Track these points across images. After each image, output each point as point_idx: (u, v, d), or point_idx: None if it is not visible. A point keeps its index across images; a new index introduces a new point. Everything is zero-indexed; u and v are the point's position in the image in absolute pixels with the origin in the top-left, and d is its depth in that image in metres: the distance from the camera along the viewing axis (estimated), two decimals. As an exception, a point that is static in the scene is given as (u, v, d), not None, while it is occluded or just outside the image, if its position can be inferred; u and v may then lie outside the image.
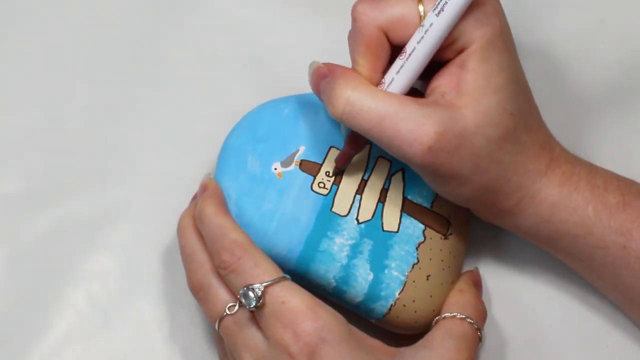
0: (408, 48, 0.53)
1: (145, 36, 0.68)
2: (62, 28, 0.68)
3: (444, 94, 0.54)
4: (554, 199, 0.56)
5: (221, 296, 0.54)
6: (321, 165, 0.58)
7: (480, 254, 0.63)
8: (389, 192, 0.58)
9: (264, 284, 0.52)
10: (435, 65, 0.54)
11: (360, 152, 0.58)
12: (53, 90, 0.67)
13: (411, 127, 0.52)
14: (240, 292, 0.53)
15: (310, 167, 0.58)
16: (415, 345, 0.55)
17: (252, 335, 0.53)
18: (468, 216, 0.61)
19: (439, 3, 0.52)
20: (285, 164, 0.58)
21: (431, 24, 0.52)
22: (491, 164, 0.54)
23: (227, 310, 0.54)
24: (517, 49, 0.56)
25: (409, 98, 0.53)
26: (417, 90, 0.57)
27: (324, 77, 0.55)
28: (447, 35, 0.53)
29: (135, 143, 0.66)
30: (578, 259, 0.58)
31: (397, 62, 0.54)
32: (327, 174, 0.58)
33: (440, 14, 0.52)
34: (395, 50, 0.55)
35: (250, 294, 0.52)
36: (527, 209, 0.56)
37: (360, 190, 0.58)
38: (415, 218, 0.58)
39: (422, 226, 0.58)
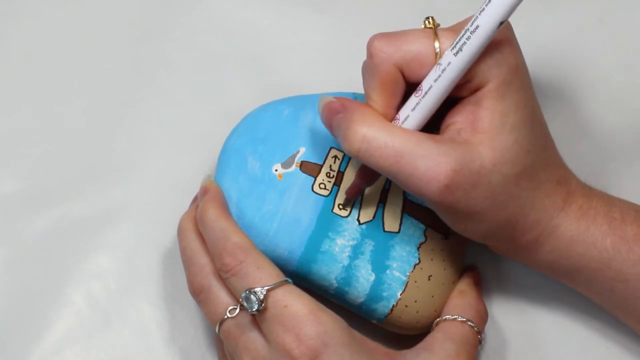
0: (424, 86, 0.53)
1: (145, 36, 0.68)
2: (61, 28, 0.68)
3: (460, 131, 0.53)
4: (571, 233, 0.56)
5: (222, 299, 0.54)
6: (322, 166, 0.58)
7: (480, 254, 0.63)
8: (389, 193, 0.58)
9: (266, 288, 0.52)
10: (448, 101, 0.54)
11: (372, 184, 0.57)
12: (53, 90, 0.67)
13: (429, 164, 0.52)
14: (242, 295, 0.53)
15: (310, 168, 0.58)
16: (416, 347, 0.55)
17: (253, 339, 0.53)
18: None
19: (457, 43, 0.51)
20: (286, 165, 0.58)
21: (449, 63, 0.52)
22: (508, 200, 0.54)
23: (228, 313, 0.54)
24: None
25: (425, 135, 0.53)
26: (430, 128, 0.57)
27: (337, 112, 0.54)
28: (462, 76, 0.52)
29: (135, 143, 0.66)
30: (598, 292, 0.57)
31: (413, 99, 0.53)
32: (328, 175, 0.58)
33: (458, 54, 0.51)
34: (409, 87, 0.54)
35: (252, 297, 0.52)
36: (545, 244, 0.56)
37: (361, 191, 0.58)
38: (416, 218, 0.58)
39: (422, 226, 0.58)
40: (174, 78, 0.67)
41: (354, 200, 0.58)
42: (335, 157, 0.59)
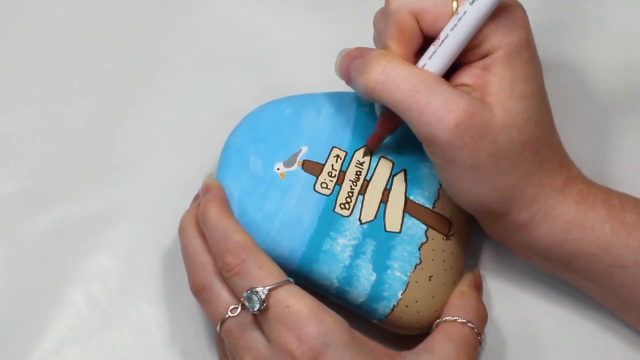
0: (441, 35, 0.54)
1: (146, 36, 0.68)
2: (61, 28, 0.68)
3: (470, 91, 0.54)
4: (569, 216, 0.56)
5: (223, 298, 0.54)
6: (324, 165, 0.58)
7: (481, 254, 0.63)
8: (391, 193, 0.58)
9: (268, 288, 0.52)
10: (455, 67, 0.55)
11: (392, 134, 0.58)
12: (53, 90, 0.67)
13: (442, 101, 0.52)
14: (244, 295, 0.53)
15: (312, 167, 0.58)
16: (416, 349, 0.55)
17: (255, 338, 0.53)
18: (469, 217, 0.61)
19: None
20: (288, 164, 0.58)
21: (465, 12, 0.52)
22: (510, 167, 0.54)
23: (229, 313, 0.54)
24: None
25: (442, 79, 0.54)
26: None
27: (355, 57, 0.56)
28: (478, 28, 0.53)
29: (135, 143, 0.66)
30: (595, 280, 0.57)
31: (430, 49, 0.54)
32: (330, 174, 0.58)
33: (474, 3, 0.52)
34: (425, 42, 0.55)
35: (254, 297, 0.52)
36: (541, 225, 0.56)
37: (362, 191, 0.58)
38: (418, 218, 0.58)
39: (424, 227, 0.58)
40: (174, 78, 0.67)
41: (374, 150, 0.58)
42: (337, 156, 0.59)
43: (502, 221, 0.57)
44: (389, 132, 0.58)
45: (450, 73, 0.55)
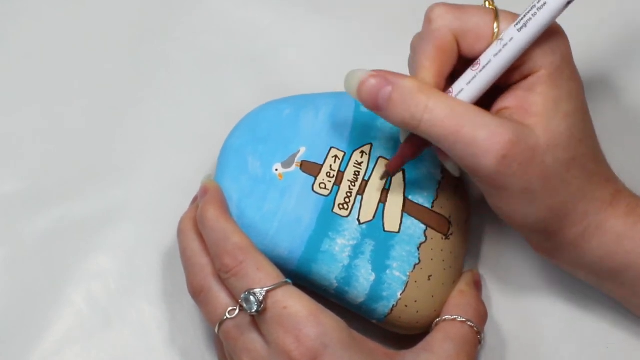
0: (483, 60, 0.53)
1: (145, 36, 0.68)
2: (61, 28, 0.68)
3: (512, 114, 0.53)
4: (619, 229, 0.55)
5: (222, 300, 0.54)
6: (322, 166, 0.58)
7: (480, 254, 0.63)
8: (389, 193, 0.58)
9: (266, 289, 0.52)
10: (495, 89, 0.54)
11: (415, 158, 0.57)
12: (53, 90, 0.67)
13: (488, 134, 0.51)
14: (242, 296, 0.53)
15: (311, 168, 0.58)
16: (416, 348, 0.55)
17: (253, 340, 0.53)
18: (468, 216, 0.61)
19: (522, 19, 0.52)
20: (286, 164, 0.58)
21: (511, 39, 0.52)
22: (560, 186, 0.53)
23: (227, 314, 0.54)
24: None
25: (481, 109, 0.53)
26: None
27: (382, 87, 0.53)
28: (522, 54, 0.52)
29: (135, 143, 0.66)
30: None
31: (469, 73, 0.53)
32: (328, 174, 0.58)
33: (522, 30, 0.51)
34: (460, 63, 0.54)
35: (252, 298, 0.52)
36: (591, 240, 0.55)
37: (361, 191, 0.58)
38: (416, 218, 0.58)
39: (423, 226, 0.58)
40: (174, 78, 0.67)
41: (392, 174, 0.58)
42: (336, 156, 0.59)
43: (553, 239, 0.56)
44: (412, 157, 0.57)
45: (490, 92, 0.54)
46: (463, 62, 0.54)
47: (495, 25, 0.53)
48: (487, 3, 0.55)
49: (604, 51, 0.68)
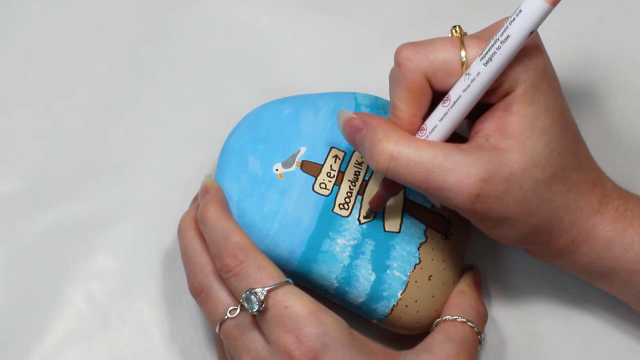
0: (452, 96, 0.53)
1: (145, 36, 0.68)
2: (61, 28, 0.68)
3: (488, 137, 0.53)
4: (608, 235, 0.55)
5: (222, 299, 0.54)
6: (322, 165, 0.58)
7: (480, 254, 0.63)
8: (390, 193, 0.58)
9: (267, 288, 0.52)
10: (478, 107, 0.54)
11: (396, 195, 0.57)
12: (53, 90, 0.67)
13: (458, 177, 0.52)
14: (243, 296, 0.53)
15: (311, 168, 0.58)
16: (416, 348, 0.55)
17: (254, 339, 0.53)
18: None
19: (486, 52, 0.51)
20: (287, 164, 0.58)
21: (478, 73, 0.52)
22: (541, 205, 0.54)
23: (228, 314, 0.54)
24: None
25: (452, 146, 0.53)
26: (458, 135, 0.57)
27: (358, 129, 0.54)
28: (491, 85, 0.52)
29: (135, 143, 0.66)
30: (634, 295, 0.57)
31: (440, 109, 0.53)
32: (329, 174, 0.58)
33: (488, 64, 0.51)
34: (436, 96, 0.54)
35: (253, 298, 0.52)
36: (581, 247, 0.56)
37: (361, 191, 0.58)
38: (417, 218, 0.58)
39: (423, 226, 0.58)
40: (174, 78, 0.67)
41: (377, 210, 0.58)
42: (336, 156, 0.59)
43: (544, 248, 0.57)
44: (394, 194, 0.57)
45: (472, 113, 0.54)
46: (440, 95, 0.54)
47: (463, 54, 0.53)
48: (453, 30, 0.54)
49: (604, 51, 0.68)
